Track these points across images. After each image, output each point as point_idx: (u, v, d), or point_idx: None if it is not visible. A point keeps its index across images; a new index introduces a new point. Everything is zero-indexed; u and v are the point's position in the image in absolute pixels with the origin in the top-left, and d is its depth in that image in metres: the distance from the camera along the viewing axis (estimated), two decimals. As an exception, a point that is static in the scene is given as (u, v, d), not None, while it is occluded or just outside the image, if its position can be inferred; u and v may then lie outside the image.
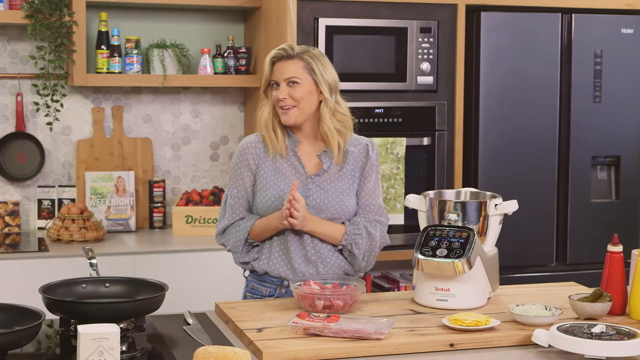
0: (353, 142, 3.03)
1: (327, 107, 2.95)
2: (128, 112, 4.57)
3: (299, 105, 2.92)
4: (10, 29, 4.36)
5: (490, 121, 4.31)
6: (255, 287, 3.04)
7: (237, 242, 2.99)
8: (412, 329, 2.53)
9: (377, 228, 2.99)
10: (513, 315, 2.59)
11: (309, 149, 3.01)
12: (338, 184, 2.97)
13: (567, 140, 4.43)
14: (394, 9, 4.19)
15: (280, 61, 2.94)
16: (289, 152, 2.98)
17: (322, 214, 2.94)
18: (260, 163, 2.99)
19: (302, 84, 2.92)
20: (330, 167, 2.98)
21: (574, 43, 4.40)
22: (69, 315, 2.44)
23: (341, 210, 2.95)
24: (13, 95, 4.38)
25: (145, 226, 4.54)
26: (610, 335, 2.37)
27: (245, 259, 3.02)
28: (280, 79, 2.93)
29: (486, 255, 2.81)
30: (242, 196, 3.01)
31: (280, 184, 2.95)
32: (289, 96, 2.91)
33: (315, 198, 2.94)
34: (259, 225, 2.96)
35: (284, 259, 2.96)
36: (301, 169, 2.97)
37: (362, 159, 3.01)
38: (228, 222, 3.01)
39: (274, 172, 2.97)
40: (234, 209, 3.01)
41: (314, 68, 2.92)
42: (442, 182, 4.29)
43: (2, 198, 4.42)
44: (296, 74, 2.91)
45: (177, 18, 4.57)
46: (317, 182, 2.96)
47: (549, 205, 4.43)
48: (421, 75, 4.23)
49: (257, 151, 3.00)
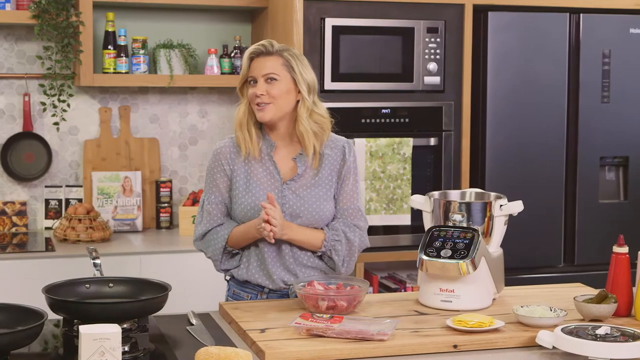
0: (330, 143, 2.93)
1: (305, 107, 2.86)
2: (135, 112, 4.57)
3: (275, 103, 2.83)
4: (18, 29, 4.37)
5: (498, 121, 4.30)
6: (236, 292, 2.98)
7: (216, 251, 2.93)
8: (415, 330, 2.52)
9: (356, 233, 2.92)
10: (517, 316, 2.58)
11: (285, 152, 2.92)
12: (314, 190, 2.89)
13: (575, 141, 4.41)
14: (401, 9, 4.18)
15: (259, 57, 2.87)
16: (264, 156, 2.90)
17: (299, 221, 2.87)
18: (235, 168, 2.91)
19: (280, 81, 2.84)
20: (305, 171, 2.90)
21: (582, 43, 4.38)
22: (72, 315, 2.44)
23: (318, 217, 2.88)
24: (20, 95, 4.39)
25: (152, 226, 4.54)
26: (615, 337, 2.36)
27: (226, 266, 2.96)
28: (258, 75, 2.84)
29: (491, 256, 2.80)
30: (219, 202, 2.94)
31: (254, 190, 2.88)
32: (266, 92, 2.83)
33: (292, 205, 2.87)
34: (236, 233, 2.89)
35: (262, 268, 2.90)
36: (276, 175, 2.89)
37: (338, 162, 2.92)
38: (206, 228, 2.94)
39: (247, 180, 2.89)
40: (212, 215, 2.94)
41: (293, 66, 2.86)
42: (449, 183, 4.27)
43: (10, 198, 4.43)
44: (275, 70, 2.84)
45: (184, 18, 4.57)
46: (292, 187, 2.89)
47: (556, 206, 4.41)
48: (428, 75, 4.22)
49: (231, 155, 2.92)
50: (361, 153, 4.08)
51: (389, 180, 4.12)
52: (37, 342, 2.44)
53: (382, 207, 4.13)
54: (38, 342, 2.45)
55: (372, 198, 4.11)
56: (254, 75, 2.86)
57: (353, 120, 4.13)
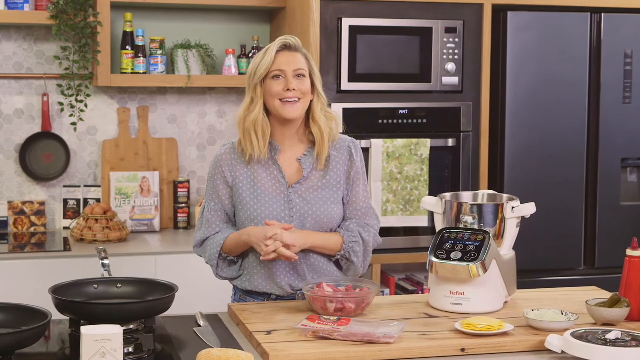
0: (334, 144, 2.86)
1: (320, 104, 2.81)
2: (153, 113, 4.57)
3: (303, 99, 2.76)
4: (37, 29, 4.38)
5: (517, 122, 4.26)
6: (242, 297, 2.93)
7: (212, 257, 2.85)
8: (423, 333, 2.49)
9: (370, 232, 2.87)
10: (527, 320, 2.54)
11: (289, 154, 2.84)
12: (322, 193, 2.82)
13: (596, 142, 4.36)
14: (419, 9, 4.15)
15: (284, 51, 2.78)
16: (267, 160, 2.81)
17: (307, 224, 2.80)
18: (236, 176, 2.83)
19: (307, 78, 2.78)
20: (311, 173, 2.82)
21: (604, 43, 4.32)
22: (78, 316, 2.43)
23: (327, 220, 2.81)
24: (39, 95, 4.41)
25: (169, 226, 4.54)
26: (626, 342, 2.32)
27: (225, 274, 2.90)
28: (288, 70, 2.74)
29: (502, 259, 2.76)
30: (219, 209, 2.87)
31: (260, 197, 2.80)
32: (297, 88, 2.74)
33: (299, 209, 2.80)
34: (232, 239, 2.82)
35: (268, 277, 2.83)
36: (281, 179, 2.81)
37: (346, 164, 2.85)
38: (204, 235, 2.88)
39: (251, 187, 2.81)
40: (210, 222, 2.87)
41: (312, 64, 2.82)
42: (467, 184, 4.24)
43: (28, 198, 4.45)
44: (304, 67, 2.77)
45: (202, 18, 4.57)
46: (299, 191, 2.81)
47: (577, 208, 4.36)
48: (446, 75, 4.19)
49: (232, 162, 2.83)
50: (378, 154, 4.05)
51: (405, 182, 4.10)
52: (43, 343, 2.45)
53: (399, 209, 4.10)
54: (44, 343, 2.46)
55: (388, 199, 4.08)
56: (284, 69, 2.75)
57: (370, 121, 4.11)
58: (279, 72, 2.76)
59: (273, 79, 2.76)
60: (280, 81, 2.76)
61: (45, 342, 2.45)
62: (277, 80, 2.76)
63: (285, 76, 2.75)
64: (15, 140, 4.42)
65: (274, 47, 2.77)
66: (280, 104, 2.75)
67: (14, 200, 4.41)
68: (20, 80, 4.40)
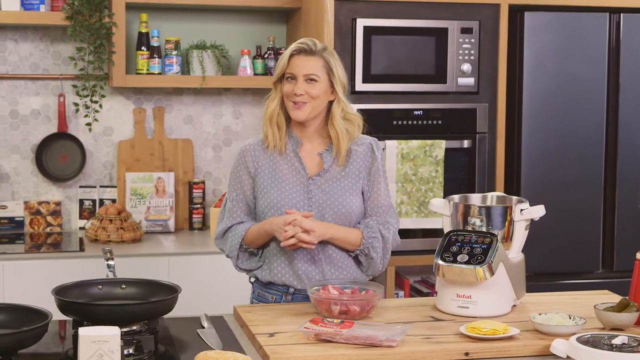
0: (356, 141, 2.92)
1: (340, 108, 2.87)
2: (169, 113, 4.57)
3: (312, 103, 2.84)
4: (53, 30, 4.40)
5: (534, 124, 4.21)
6: (261, 294, 2.96)
7: (233, 247, 2.91)
8: (428, 337, 2.47)
9: (390, 230, 2.90)
10: (534, 324, 2.51)
11: (310, 148, 2.92)
12: (340, 184, 2.87)
13: (615, 144, 4.30)
14: (434, 9, 4.11)
15: (300, 55, 2.86)
16: (289, 152, 2.90)
17: (326, 215, 2.85)
18: (258, 166, 2.91)
19: (319, 82, 2.84)
20: (331, 167, 2.89)
21: (623, 44, 4.27)
22: (80, 316, 2.43)
23: (345, 211, 2.86)
24: (56, 96, 4.42)
25: (184, 227, 4.54)
26: (632, 347, 2.28)
27: (245, 266, 2.95)
28: (298, 74, 2.83)
29: (510, 262, 2.73)
30: (240, 199, 2.94)
31: (280, 186, 2.87)
32: (305, 92, 2.82)
33: (318, 199, 2.86)
34: (253, 230, 2.88)
35: (287, 265, 2.87)
36: (302, 170, 2.88)
37: (367, 159, 2.91)
38: (225, 226, 2.94)
39: (272, 176, 2.89)
40: (232, 213, 2.94)
41: (332, 67, 2.86)
42: (482, 186, 4.20)
43: (45, 198, 4.46)
44: (316, 71, 2.83)
45: (217, 19, 4.56)
46: (318, 182, 2.87)
47: (595, 210, 4.30)
48: (462, 76, 4.15)
49: (255, 153, 2.92)
50: (392, 155, 4.03)
51: (420, 183, 4.06)
52: (46, 343, 2.45)
53: (414, 210, 4.07)
54: (47, 343, 2.46)
55: (403, 201, 4.05)
56: (294, 72, 2.84)
57: (384, 122, 4.08)
58: (290, 74, 2.86)
59: (287, 80, 2.87)
60: (291, 83, 2.86)
61: (47, 343, 2.45)
62: (289, 82, 2.86)
63: (296, 79, 2.84)
64: (31, 141, 4.44)
65: (288, 50, 2.88)
66: (291, 105, 2.86)
67: (30, 201, 4.43)
68: (37, 80, 4.42)
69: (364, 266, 2.91)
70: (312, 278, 2.86)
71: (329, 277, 2.86)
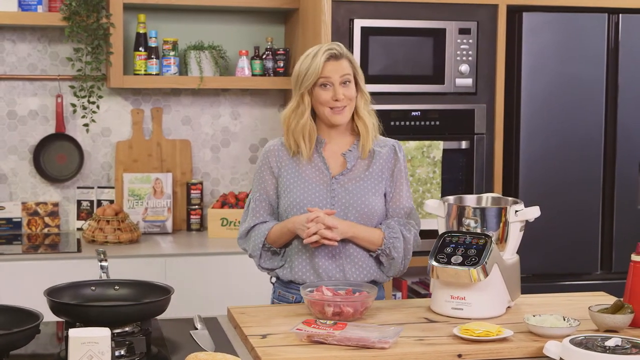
0: (379, 142, 2.97)
1: (364, 101, 2.92)
2: (167, 114, 4.57)
3: (350, 105, 2.88)
4: (51, 30, 4.40)
5: (532, 125, 4.20)
6: (282, 294, 2.99)
7: (256, 247, 2.94)
8: (421, 339, 2.46)
9: (411, 231, 2.93)
10: (528, 325, 2.50)
11: (334, 148, 2.94)
12: (363, 184, 2.89)
13: (614, 145, 4.29)
14: (432, 10, 4.11)
15: (330, 60, 2.86)
16: (313, 152, 2.92)
17: (349, 215, 2.87)
18: (282, 166, 2.93)
19: (352, 82, 2.88)
20: (354, 167, 2.91)
21: (621, 44, 4.25)
22: (72, 318, 2.42)
23: (368, 211, 2.88)
24: (53, 96, 4.42)
25: (182, 228, 4.53)
26: (626, 349, 2.27)
27: (267, 265, 2.97)
28: (335, 78, 2.85)
29: (505, 263, 2.72)
30: (263, 199, 2.97)
31: (303, 185, 2.90)
32: (344, 96, 2.85)
33: (341, 198, 2.88)
34: (276, 229, 2.91)
35: (308, 264, 2.90)
36: (325, 170, 2.91)
37: (390, 160, 2.94)
38: (249, 225, 2.97)
39: (296, 175, 2.91)
40: (255, 212, 2.97)
41: (356, 66, 2.91)
42: (480, 187, 4.19)
43: (42, 199, 4.46)
44: (349, 72, 2.88)
45: (215, 20, 4.55)
46: (341, 182, 2.90)
47: (593, 212, 4.29)
48: (460, 77, 4.14)
49: (279, 154, 2.94)
50: (389, 156, 4.01)
51: (418, 184, 4.05)
52: (44, 344, 2.45)
53: (411, 211, 4.05)
54: (45, 344, 2.46)
55: (400, 202, 4.04)
56: (331, 77, 2.85)
57: (382, 123, 4.04)
58: (326, 80, 2.86)
59: (321, 87, 2.87)
60: (328, 90, 2.86)
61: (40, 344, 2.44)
62: (325, 89, 2.86)
63: (332, 84, 2.86)
64: (29, 142, 4.44)
65: (321, 57, 2.86)
66: (330, 111, 2.87)
67: (28, 201, 4.42)
68: (35, 81, 4.41)
69: (384, 266, 2.94)
70: (332, 276, 2.88)
71: (349, 276, 2.89)
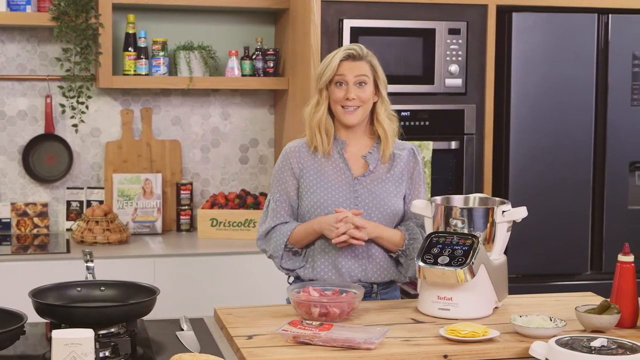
0: (398, 146, 3.02)
1: (384, 107, 2.96)
2: (157, 114, 4.56)
3: (363, 107, 2.91)
4: (40, 31, 4.38)
5: (522, 125, 4.19)
6: None
7: (277, 247, 2.95)
8: (407, 339, 2.45)
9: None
10: (514, 326, 2.50)
11: (355, 150, 2.98)
12: (385, 186, 2.94)
13: (604, 145, 4.28)
14: (422, 10, 4.10)
15: (348, 60, 2.92)
16: (334, 154, 2.96)
17: (373, 215, 2.91)
18: (303, 167, 2.96)
19: (368, 84, 2.92)
20: (376, 168, 2.95)
21: (611, 44, 4.25)
22: (57, 319, 2.41)
23: (390, 212, 2.93)
24: (42, 97, 4.40)
25: (172, 229, 4.52)
26: (611, 350, 2.27)
27: (288, 265, 2.98)
28: (350, 78, 2.90)
29: (492, 264, 2.71)
30: (284, 200, 2.98)
31: (326, 186, 2.93)
32: (357, 97, 2.89)
33: (364, 199, 2.92)
34: (300, 230, 2.92)
35: (331, 263, 2.92)
36: (347, 171, 2.95)
37: (410, 163, 3.00)
38: (269, 226, 2.98)
39: (318, 176, 2.95)
40: (276, 213, 2.98)
41: (377, 70, 2.94)
42: (470, 187, 4.18)
43: (31, 199, 4.45)
44: (366, 73, 2.91)
45: (204, 20, 4.54)
46: (363, 183, 2.94)
47: (583, 212, 4.29)
48: (449, 77, 4.14)
49: (300, 155, 2.97)
50: (379, 156, 4.01)
51: (407, 184, 4.05)
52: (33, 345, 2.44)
53: (401, 212, 4.05)
54: (34, 345, 2.45)
55: (390, 202, 4.03)
56: (346, 77, 2.90)
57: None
58: (341, 79, 2.91)
59: (336, 85, 2.92)
60: (342, 88, 2.92)
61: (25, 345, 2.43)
62: (339, 88, 2.92)
63: (346, 83, 2.90)
64: (18, 142, 4.42)
65: (338, 55, 2.93)
66: (342, 110, 2.92)
67: (17, 202, 4.41)
68: (24, 81, 4.40)
69: (403, 267, 2.97)
70: (354, 276, 2.92)
71: (370, 275, 2.94)
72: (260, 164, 4.67)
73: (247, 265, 4.00)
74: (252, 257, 3.99)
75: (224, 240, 4.25)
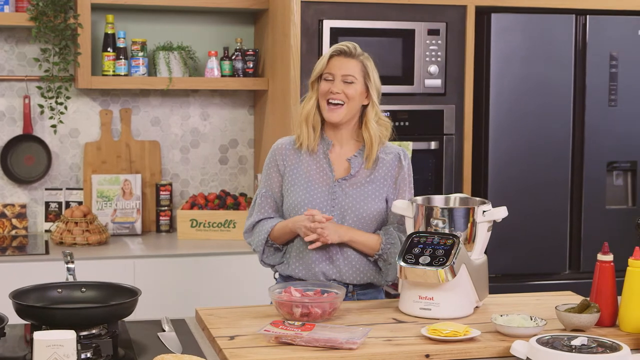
0: (384, 149, 3.01)
1: (374, 112, 2.97)
2: (136, 115, 4.54)
3: (348, 104, 2.92)
4: (19, 31, 4.36)
5: (501, 125, 4.22)
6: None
7: (259, 242, 2.99)
8: (389, 339, 2.46)
9: None
10: (495, 325, 2.51)
11: (340, 152, 3.00)
12: (365, 189, 2.94)
13: (581, 146, 4.31)
14: (401, 11, 4.11)
15: (339, 56, 2.95)
16: (319, 153, 2.98)
17: (347, 218, 2.91)
18: (288, 164, 2.99)
19: (356, 84, 2.92)
20: (358, 172, 2.96)
21: (589, 45, 4.28)
22: (38, 320, 2.40)
23: (366, 215, 2.92)
24: (21, 97, 4.38)
25: (152, 230, 4.51)
26: (591, 349, 2.28)
27: (269, 260, 3.03)
28: (337, 74, 2.92)
29: (473, 264, 2.72)
30: (269, 196, 3.02)
31: (306, 185, 2.95)
32: (342, 92, 2.90)
33: (340, 202, 2.93)
34: (279, 227, 2.96)
35: (304, 261, 2.94)
36: (329, 172, 2.96)
37: (394, 168, 2.99)
38: (254, 220, 3.02)
39: (300, 175, 2.97)
40: (261, 208, 3.03)
41: (369, 72, 2.96)
42: (450, 187, 4.20)
43: (10, 200, 4.42)
44: (354, 73, 2.93)
45: (184, 20, 4.54)
46: (343, 186, 2.95)
47: (562, 212, 4.31)
48: (429, 78, 4.15)
49: (286, 152, 3.00)
50: (359, 157, 4.01)
51: (387, 185, 4.06)
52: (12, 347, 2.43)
53: (381, 212, 4.06)
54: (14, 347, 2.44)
55: (370, 202, 4.04)
56: (333, 72, 2.93)
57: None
58: (329, 74, 2.94)
59: (325, 80, 2.95)
60: (329, 82, 2.94)
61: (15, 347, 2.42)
62: (326, 82, 2.94)
63: (334, 79, 2.92)
64: (-4, 143, 4.40)
65: (330, 51, 2.99)
66: (326, 105, 2.94)
67: (-5, 203, 4.39)
68: (2, 82, 4.37)
69: (383, 272, 2.98)
70: (329, 277, 2.93)
71: (346, 277, 2.94)
72: (240, 165, 4.67)
73: (228, 265, 4.00)
74: (233, 258, 4.00)
75: (203, 241, 4.24)
